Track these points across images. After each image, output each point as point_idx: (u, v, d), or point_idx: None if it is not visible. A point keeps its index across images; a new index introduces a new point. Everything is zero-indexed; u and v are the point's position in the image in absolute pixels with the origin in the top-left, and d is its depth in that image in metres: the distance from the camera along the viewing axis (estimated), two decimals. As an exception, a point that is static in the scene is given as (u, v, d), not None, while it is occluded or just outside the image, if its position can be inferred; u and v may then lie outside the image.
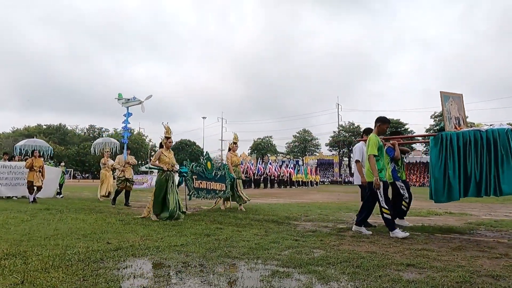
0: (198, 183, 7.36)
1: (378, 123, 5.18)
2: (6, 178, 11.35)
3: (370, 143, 4.95)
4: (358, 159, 5.73)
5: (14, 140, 52.18)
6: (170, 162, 6.71)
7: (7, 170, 11.40)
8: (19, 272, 2.78)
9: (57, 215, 6.69)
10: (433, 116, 54.31)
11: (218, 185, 7.93)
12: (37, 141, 16.68)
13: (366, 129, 6.11)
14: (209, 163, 7.89)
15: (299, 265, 3.12)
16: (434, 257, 3.52)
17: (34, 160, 10.12)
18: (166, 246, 3.90)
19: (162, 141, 6.89)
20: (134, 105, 10.37)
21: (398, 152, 5.73)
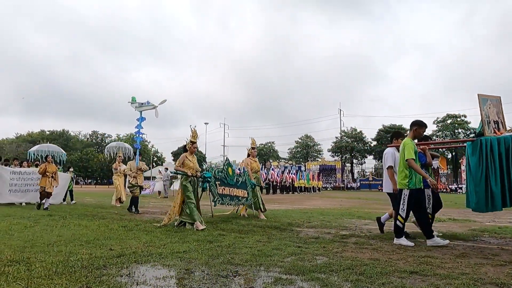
0: (222, 189, 7.15)
1: (414, 127, 4.94)
2: (16, 185, 11.05)
3: (406, 148, 4.71)
4: (391, 164, 5.35)
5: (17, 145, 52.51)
6: (194, 167, 6.46)
7: (17, 176, 11.13)
8: (22, 279, 2.79)
9: (60, 221, 6.71)
10: (435, 122, 54.19)
11: (240, 191, 7.72)
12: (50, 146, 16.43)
13: (395, 133, 5.84)
14: (230, 169, 7.67)
15: (301, 272, 3.11)
16: (438, 264, 3.50)
17: (47, 165, 9.93)
18: (168, 252, 3.90)
19: (187, 145, 6.61)
20: (147, 109, 10.19)
21: (430, 158, 5.42)
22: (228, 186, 7.37)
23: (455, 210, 11.45)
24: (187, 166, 6.39)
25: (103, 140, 71.87)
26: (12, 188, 10.88)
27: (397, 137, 5.65)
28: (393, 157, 5.39)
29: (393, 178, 5.24)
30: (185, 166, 6.39)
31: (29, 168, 11.89)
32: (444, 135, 53.15)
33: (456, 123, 51.79)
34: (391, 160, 5.37)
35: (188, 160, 6.44)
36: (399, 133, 5.78)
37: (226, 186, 7.30)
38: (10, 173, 10.94)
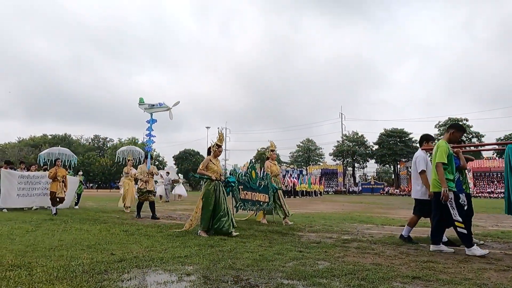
0: (244, 194, 6.91)
1: (451, 130, 4.79)
2: (23, 189, 10.77)
3: (439, 150, 4.55)
4: (424, 168, 5.10)
5: (19, 150, 52.68)
6: (218, 171, 6.16)
7: (25, 180, 10.85)
8: (24, 284, 2.79)
9: (61, 226, 6.71)
10: (437, 125, 54.09)
11: (262, 196, 7.42)
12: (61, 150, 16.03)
13: (425, 136, 5.57)
14: (253, 172, 7.39)
15: (303, 277, 3.10)
16: (441, 270, 3.48)
17: (57, 169, 9.63)
18: (170, 257, 3.89)
19: (212, 148, 6.26)
20: (160, 111, 9.71)
21: (464, 161, 5.22)
22: (251, 190, 7.13)
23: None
24: (211, 170, 6.10)
25: (104, 144, 72.08)
26: (20, 192, 10.66)
27: (428, 140, 5.44)
28: (425, 161, 5.18)
29: (428, 183, 4.97)
30: (209, 170, 6.10)
31: (37, 172, 11.68)
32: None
33: (458, 127, 51.66)
34: (424, 164, 5.14)
35: (212, 164, 6.15)
36: (429, 136, 5.56)
37: (249, 191, 7.08)
38: (18, 177, 10.73)
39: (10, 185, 10.46)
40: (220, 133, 6.39)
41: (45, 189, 10.87)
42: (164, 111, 9.65)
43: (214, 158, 6.26)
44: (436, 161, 4.53)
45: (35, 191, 11.01)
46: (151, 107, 9.67)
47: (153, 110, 9.67)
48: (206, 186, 6.04)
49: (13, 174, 10.78)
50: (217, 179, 6.10)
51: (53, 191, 9.40)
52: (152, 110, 9.67)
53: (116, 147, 61.71)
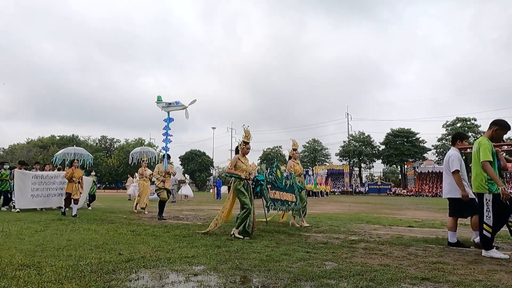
0: (273, 193, 6.65)
1: (495, 127, 4.47)
2: (38, 189, 10.56)
3: (482, 148, 4.30)
4: (457, 168, 4.84)
5: (28, 150, 53.34)
6: (247, 170, 5.95)
7: (39, 180, 10.62)
8: (33, 283, 2.81)
9: (69, 226, 6.77)
10: (445, 125, 53.59)
11: (289, 195, 7.18)
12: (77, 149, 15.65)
13: (459, 134, 5.34)
14: (278, 171, 7.13)
15: (310, 278, 3.08)
16: (450, 271, 3.44)
17: (74, 170, 9.41)
18: (177, 257, 3.90)
19: (239, 146, 6.10)
20: (176, 110, 9.47)
21: (505, 162, 4.96)
22: (278, 189, 6.88)
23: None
24: (240, 169, 5.88)
25: (111, 145, 72.61)
26: (34, 193, 10.47)
27: (462, 138, 5.22)
28: (460, 160, 4.94)
29: (461, 183, 4.78)
30: (238, 169, 5.88)
31: (51, 172, 11.48)
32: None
33: (466, 127, 51.08)
34: (458, 163, 4.88)
35: (241, 162, 5.94)
36: (463, 134, 5.34)
37: (277, 190, 6.83)
38: (32, 177, 10.55)
39: (24, 186, 10.33)
40: (246, 130, 6.08)
41: (60, 189, 10.77)
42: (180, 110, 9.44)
43: (243, 156, 6.05)
44: (482, 160, 4.25)
45: (49, 191, 10.82)
46: (168, 106, 9.46)
47: (170, 109, 9.46)
48: (237, 186, 5.82)
49: (27, 174, 10.65)
50: (247, 178, 5.91)
51: (69, 192, 9.25)
52: (169, 109, 9.46)
53: (123, 148, 62.24)
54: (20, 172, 10.53)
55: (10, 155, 50.71)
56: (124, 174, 50.63)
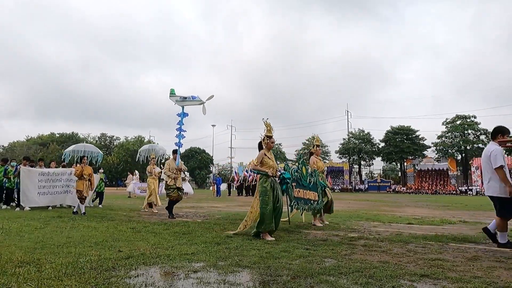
0: (297, 192, 6.34)
1: None
2: (44, 187, 10.25)
3: None
4: (502, 164, 4.62)
5: (28, 148, 53.30)
6: (274, 166, 5.58)
7: (45, 177, 10.33)
8: (33, 280, 2.82)
9: (69, 223, 6.77)
10: (445, 122, 53.55)
11: (312, 194, 6.83)
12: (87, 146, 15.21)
13: (501, 128, 5.03)
14: (304, 168, 6.79)
15: (310, 275, 3.09)
16: (449, 268, 3.44)
17: (83, 167, 9.16)
18: (176, 254, 3.91)
19: (263, 141, 5.71)
20: (192, 105, 9.07)
21: None
22: (302, 188, 6.56)
23: (465, 212, 11.29)
24: (267, 165, 5.49)
25: (111, 143, 72.58)
26: (40, 190, 10.17)
27: (503, 132, 4.94)
28: (503, 155, 4.71)
29: (507, 179, 4.57)
30: (265, 165, 5.50)
31: (57, 169, 11.17)
32: (453, 136, 52.49)
33: (466, 124, 51.05)
34: (501, 158, 4.64)
35: (267, 158, 5.56)
36: (504, 129, 5.03)
37: (301, 188, 6.52)
38: (39, 175, 10.24)
39: (31, 183, 10.03)
40: (267, 123, 5.73)
41: (66, 186, 10.59)
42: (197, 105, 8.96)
43: (268, 151, 5.70)
44: None
45: (56, 189, 10.55)
46: (183, 100, 9.03)
47: (185, 103, 9.05)
48: (262, 183, 5.44)
49: (33, 171, 10.36)
50: (274, 176, 5.56)
51: (80, 190, 8.95)
52: (184, 103, 9.05)
53: (122, 145, 62.18)
54: (26, 169, 10.22)
55: (10, 153, 50.66)
56: (124, 172, 50.66)
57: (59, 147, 53.56)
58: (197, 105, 8.99)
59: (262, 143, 5.75)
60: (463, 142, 50.55)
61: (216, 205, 13.93)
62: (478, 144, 49.92)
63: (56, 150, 49.62)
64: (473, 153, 49.32)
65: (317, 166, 7.46)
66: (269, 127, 5.73)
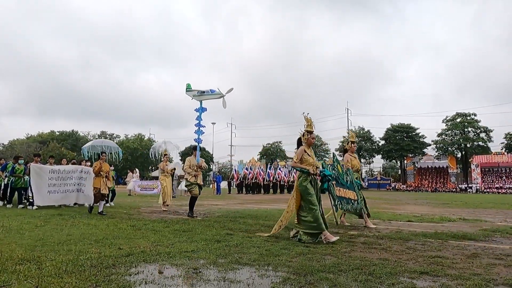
0: (338, 190, 6.06)
1: None
2: (55, 185, 9.69)
3: None
4: None
5: (28, 146, 53.29)
6: (315, 163, 5.20)
7: (56, 175, 9.76)
8: (33, 278, 2.82)
9: (69, 221, 6.78)
10: (445, 120, 53.51)
11: (351, 193, 6.49)
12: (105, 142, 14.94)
13: None
14: (338, 166, 6.49)
15: (310, 272, 3.09)
16: (449, 265, 3.45)
17: (102, 164, 8.78)
18: (176, 252, 3.91)
19: (302, 137, 5.28)
20: (211, 99, 8.73)
21: None
22: (341, 186, 6.28)
23: (465, 209, 11.30)
24: (307, 162, 5.11)
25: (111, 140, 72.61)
26: (51, 188, 9.63)
27: None
28: None
29: None
30: (305, 162, 5.11)
31: (68, 166, 10.60)
32: (453, 134, 52.46)
33: (466, 122, 51.03)
34: None
35: (307, 155, 5.16)
36: None
37: (341, 187, 6.23)
38: (49, 172, 9.70)
39: (41, 181, 9.54)
40: (308, 118, 5.31)
41: (77, 185, 10.12)
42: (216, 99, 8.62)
43: (308, 148, 5.28)
44: None
45: (67, 187, 9.99)
46: (201, 94, 8.73)
47: (203, 98, 8.74)
48: (302, 182, 5.04)
49: (44, 169, 9.84)
50: (315, 173, 5.15)
51: (97, 187, 8.57)
52: (202, 98, 8.74)
53: (122, 143, 62.12)
54: (37, 166, 9.75)
55: (10, 151, 50.64)
56: (124, 170, 50.67)
57: (59, 145, 53.53)
58: (216, 98, 8.68)
59: (301, 139, 5.33)
60: (463, 140, 50.52)
61: (216, 202, 13.95)
62: (478, 142, 49.92)
63: (56, 148, 49.57)
64: (473, 151, 49.29)
65: (352, 164, 7.04)
66: (310, 121, 5.31)
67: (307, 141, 5.27)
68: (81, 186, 10.11)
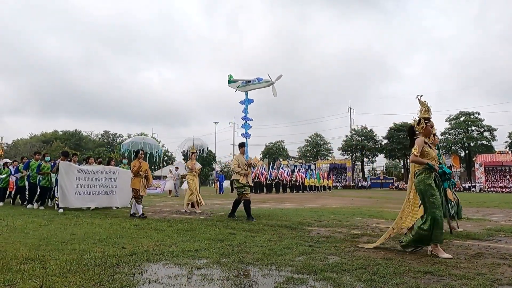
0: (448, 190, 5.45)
1: None
2: (82, 186, 9.04)
3: None
4: None
5: (31, 145, 53.57)
6: (436, 158, 4.26)
7: (83, 175, 9.13)
8: (38, 277, 2.84)
9: (73, 220, 6.81)
10: (448, 119, 53.27)
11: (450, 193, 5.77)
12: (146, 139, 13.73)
13: None
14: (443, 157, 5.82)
15: (313, 272, 3.09)
16: (453, 265, 3.44)
17: (141, 162, 8.00)
18: (180, 251, 3.92)
19: (417, 126, 4.29)
20: (258, 88, 8.10)
21: None
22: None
23: (469, 209, 11.25)
24: (429, 156, 4.17)
25: (114, 140, 72.80)
26: (78, 190, 8.97)
27: None
28: None
29: None
30: (426, 156, 4.16)
31: (96, 166, 9.97)
32: (457, 133, 52.22)
33: (469, 121, 50.78)
34: None
35: (428, 147, 4.24)
36: None
37: None
38: (77, 172, 9.04)
39: (69, 181, 8.83)
40: (423, 102, 4.30)
41: (105, 186, 9.55)
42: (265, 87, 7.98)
43: (427, 138, 4.35)
44: None
45: (94, 189, 9.34)
46: (246, 84, 8.16)
47: (249, 88, 8.16)
48: (425, 180, 4.06)
49: (73, 167, 9.10)
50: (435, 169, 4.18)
51: (136, 189, 7.80)
52: (248, 88, 8.16)
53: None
54: (67, 163, 9.05)
55: (14, 150, 50.94)
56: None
57: (62, 145, 53.79)
58: (265, 87, 8.06)
59: (415, 128, 4.36)
60: (467, 139, 50.28)
61: (219, 202, 13.96)
62: (482, 140, 49.67)
63: (59, 148, 49.82)
64: (476, 150, 49.05)
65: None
66: (426, 106, 4.29)
67: (425, 131, 4.26)
68: (110, 187, 9.61)
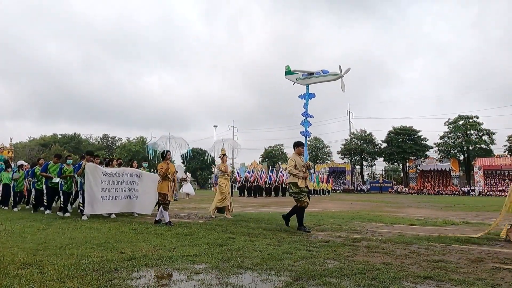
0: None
1: None
2: (106, 190, 8.18)
3: None
4: None
5: (30, 149, 53.48)
6: None
7: (107, 178, 8.25)
8: (35, 282, 2.81)
9: (71, 224, 6.78)
10: (447, 123, 53.38)
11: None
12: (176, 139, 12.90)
13: None
14: None
15: (312, 277, 3.08)
16: (453, 269, 3.42)
17: (169, 164, 7.31)
18: (178, 256, 3.90)
19: None
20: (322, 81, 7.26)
21: None
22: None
23: (468, 213, 11.24)
24: None
25: (113, 143, 72.75)
26: (103, 194, 8.13)
27: None
28: None
29: None
30: None
31: (119, 169, 9.03)
32: (456, 137, 52.32)
33: (468, 124, 50.91)
34: None
35: None
36: None
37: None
38: (102, 175, 8.20)
39: (95, 184, 8.01)
40: None
41: (128, 190, 8.70)
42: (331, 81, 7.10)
43: None
44: None
45: (117, 193, 8.50)
46: (308, 77, 7.29)
47: (310, 81, 7.30)
48: None
49: (99, 169, 8.25)
50: None
51: (164, 193, 7.11)
52: (309, 81, 7.30)
53: (124, 146, 62.25)
54: (93, 165, 8.17)
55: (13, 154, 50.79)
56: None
57: (61, 148, 53.69)
58: (330, 80, 7.25)
59: None
60: (466, 142, 50.39)
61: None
62: (481, 144, 49.77)
63: (58, 151, 49.75)
64: (475, 153, 49.13)
65: None
66: None
67: None
68: (133, 191, 8.78)
